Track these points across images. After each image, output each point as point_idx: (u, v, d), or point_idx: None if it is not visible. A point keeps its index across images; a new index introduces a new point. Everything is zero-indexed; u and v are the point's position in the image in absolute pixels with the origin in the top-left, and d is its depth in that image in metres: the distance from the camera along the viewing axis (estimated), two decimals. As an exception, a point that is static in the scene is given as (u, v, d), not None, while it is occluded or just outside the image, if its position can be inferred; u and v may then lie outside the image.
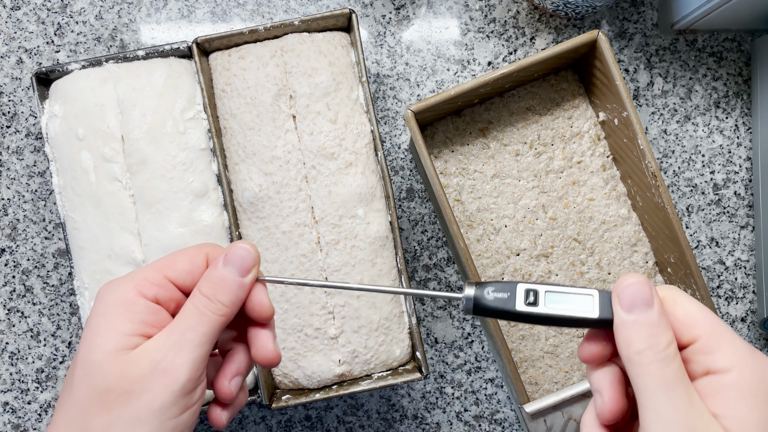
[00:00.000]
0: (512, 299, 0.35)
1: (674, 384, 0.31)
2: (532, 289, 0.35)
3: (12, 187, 0.61)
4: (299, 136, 0.53)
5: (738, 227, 0.63)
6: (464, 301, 0.36)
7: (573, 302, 0.35)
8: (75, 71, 0.54)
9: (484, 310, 0.36)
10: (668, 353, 0.32)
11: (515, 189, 0.59)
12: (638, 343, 0.32)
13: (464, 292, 0.36)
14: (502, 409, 0.62)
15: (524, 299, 0.35)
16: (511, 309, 0.35)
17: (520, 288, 0.35)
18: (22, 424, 0.61)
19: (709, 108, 0.64)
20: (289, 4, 0.62)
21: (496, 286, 0.36)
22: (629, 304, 0.33)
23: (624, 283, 0.33)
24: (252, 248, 0.36)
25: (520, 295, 0.35)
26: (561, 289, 0.35)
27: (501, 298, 0.35)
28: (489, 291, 0.36)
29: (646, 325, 0.32)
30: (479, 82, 0.52)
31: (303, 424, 0.62)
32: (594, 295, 0.35)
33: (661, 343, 0.32)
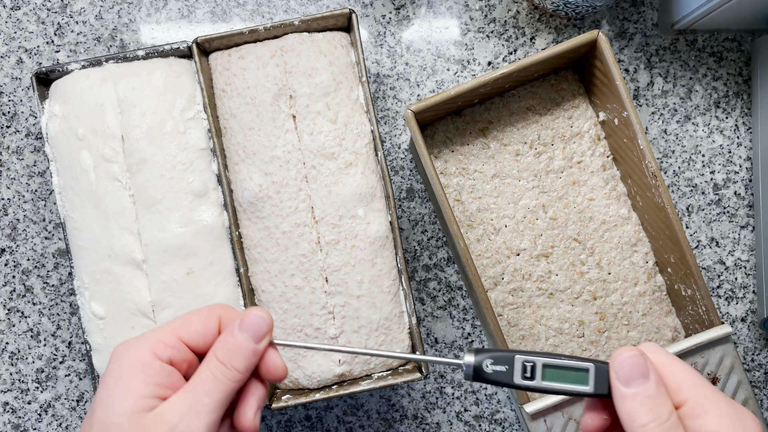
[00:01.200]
0: (510, 372, 0.37)
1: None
2: (529, 362, 0.37)
3: (12, 187, 0.61)
4: (299, 136, 0.53)
5: (738, 227, 0.63)
6: (464, 368, 0.37)
7: (569, 375, 0.36)
8: (75, 71, 0.54)
9: (484, 379, 0.37)
10: (671, 424, 0.33)
11: (515, 189, 0.59)
12: (642, 417, 0.33)
13: (464, 359, 0.38)
14: (502, 409, 0.62)
15: (521, 372, 0.37)
16: (509, 382, 0.37)
17: (517, 361, 0.37)
18: (22, 424, 0.61)
19: (709, 108, 0.64)
20: (289, 4, 0.62)
21: (495, 358, 0.37)
22: (626, 378, 0.34)
23: (619, 357, 0.35)
24: (266, 315, 0.36)
25: (518, 368, 0.37)
26: (558, 362, 0.37)
27: (499, 371, 0.37)
28: (488, 363, 0.37)
29: (646, 397, 0.33)
30: (479, 82, 0.52)
31: (303, 424, 0.62)
32: (590, 369, 0.36)
33: (663, 414, 0.33)
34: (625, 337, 0.58)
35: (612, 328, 0.59)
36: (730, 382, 0.52)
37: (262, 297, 0.54)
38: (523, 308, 0.59)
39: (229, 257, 0.54)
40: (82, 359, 0.61)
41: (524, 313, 0.59)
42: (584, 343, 0.58)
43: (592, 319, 0.58)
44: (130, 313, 0.52)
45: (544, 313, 0.59)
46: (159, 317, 0.52)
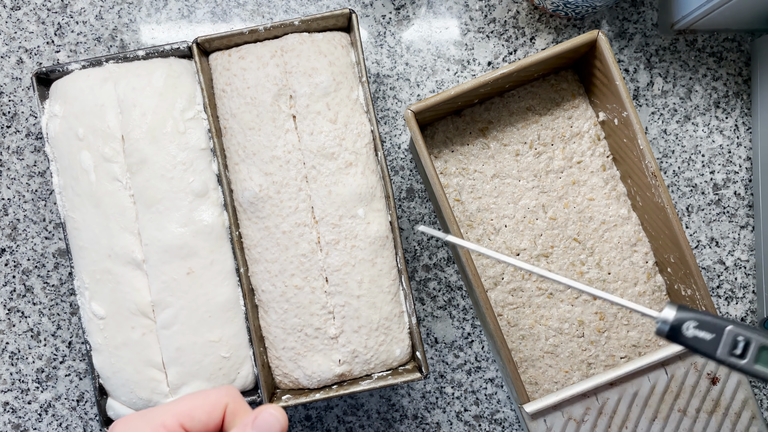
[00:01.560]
0: (715, 343, 0.33)
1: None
2: (742, 338, 0.32)
3: (12, 187, 0.61)
4: (299, 136, 0.53)
5: (738, 227, 0.63)
6: (659, 323, 0.33)
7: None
8: (75, 71, 0.54)
9: (679, 341, 0.33)
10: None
11: (515, 189, 0.59)
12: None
13: (663, 312, 0.34)
14: (502, 409, 0.62)
15: (729, 347, 0.32)
16: (711, 353, 0.33)
17: (728, 333, 0.32)
18: (22, 424, 0.61)
19: (709, 108, 0.64)
20: (289, 4, 0.62)
21: (701, 321, 0.33)
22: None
23: None
24: (281, 416, 0.35)
25: (726, 341, 0.32)
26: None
27: (702, 338, 0.33)
28: (690, 326, 0.33)
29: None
30: (479, 82, 0.52)
31: (303, 424, 0.62)
32: None
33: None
34: (625, 336, 0.58)
35: (612, 328, 0.59)
36: (730, 382, 0.52)
37: (262, 297, 0.54)
38: (523, 308, 0.59)
39: (229, 257, 0.54)
40: (82, 359, 0.61)
41: (524, 313, 0.59)
42: (584, 343, 0.58)
43: (592, 319, 0.58)
44: (130, 313, 0.52)
45: (544, 313, 0.59)
46: (159, 317, 0.52)
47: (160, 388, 0.53)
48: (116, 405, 0.54)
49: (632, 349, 0.59)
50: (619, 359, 0.58)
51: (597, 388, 0.52)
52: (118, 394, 0.53)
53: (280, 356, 0.54)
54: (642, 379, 0.53)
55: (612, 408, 0.53)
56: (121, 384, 0.53)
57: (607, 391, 0.53)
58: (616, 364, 0.58)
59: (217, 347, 0.53)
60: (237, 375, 0.54)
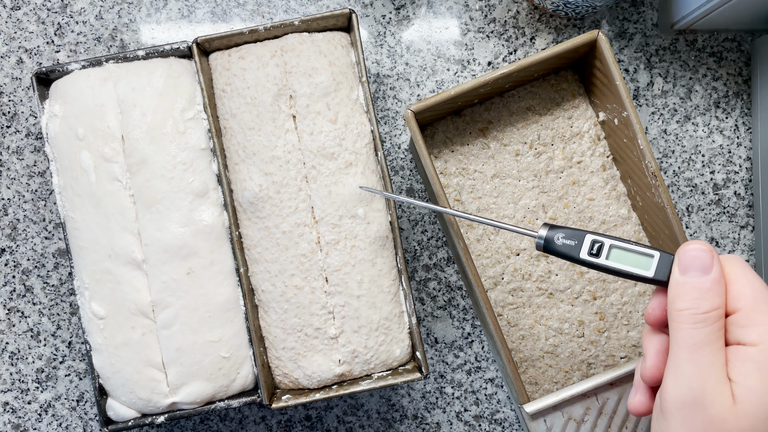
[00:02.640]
0: (578, 247, 0.40)
1: (701, 345, 0.34)
2: (598, 241, 0.39)
3: (12, 187, 0.61)
4: (299, 136, 0.53)
5: (738, 227, 0.63)
6: (537, 239, 0.41)
7: (634, 259, 0.38)
8: (75, 71, 0.54)
9: (552, 251, 0.40)
10: (705, 318, 0.34)
11: (515, 189, 0.59)
12: (681, 302, 0.35)
13: (538, 231, 0.41)
14: (502, 409, 0.62)
15: (589, 249, 0.39)
16: (575, 255, 0.40)
17: (587, 238, 0.39)
18: (22, 424, 0.61)
19: (709, 108, 0.64)
20: (289, 4, 0.62)
21: (567, 233, 0.40)
22: (685, 266, 0.36)
23: (687, 247, 0.36)
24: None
25: (586, 244, 0.39)
26: (625, 245, 0.39)
27: (568, 244, 0.40)
28: (559, 237, 0.40)
29: (695, 288, 0.35)
30: (479, 82, 0.52)
31: (303, 424, 0.62)
32: (655, 256, 0.38)
33: (702, 307, 0.35)
34: (625, 336, 0.58)
35: (612, 328, 0.59)
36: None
37: (262, 297, 0.54)
38: (523, 308, 0.59)
39: (229, 257, 0.54)
40: (82, 359, 0.61)
41: (524, 313, 0.59)
42: (584, 343, 0.58)
43: (592, 319, 0.58)
44: (130, 313, 0.52)
45: (544, 313, 0.59)
46: (159, 317, 0.52)
47: (160, 388, 0.53)
48: (116, 405, 0.54)
49: (632, 349, 0.59)
50: (619, 359, 0.58)
51: (597, 388, 0.52)
52: (118, 394, 0.53)
53: (280, 356, 0.54)
54: (642, 379, 0.53)
55: (612, 408, 0.53)
56: (121, 384, 0.53)
57: (607, 391, 0.53)
58: (616, 364, 0.58)
59: (217, 347, 0.53)
60: (237, 375, 0.54)
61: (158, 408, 0.53)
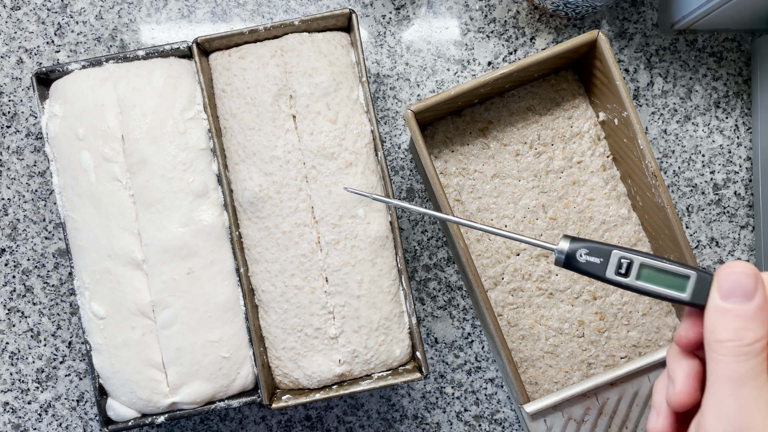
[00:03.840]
0: (604, 265, 0.36)
1: (745, 380, 0.31)
2: (626, 258, 0.35)
3: (12, 187, 0.61)
4: (299, 136, 0.53)
5: (738, 227, 0.63)
6: (557, 254, 0.37)
7: (666, 279, 0.35)
8: (75, 71, 0.54)
9: (574, 268, 0.36)
10: (751, 350, 0.31)
11: (515, 189, 0.59)
12: (723, 333, 0.32)
13: (559, 245, 0.37)
14: (502, 409, 0.62)
15: (616, 268, 0.36)
16: (601, 275, 0.36)
17: (614, 255, 0.36)
18: (22, 424, 0.61)
19: (709, 108, 0.64)
20: (289, 4, 0.62)
21: (591, 249, 0.36)
22: (728, 291, 0.33)
23: (729, 269, 0.33)
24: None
25: (613, 262, 0.36)
26: (657, 264, 0.35)
27: (593, 262, 0.36)
28: (582, 253, 0.36)
29: (738, 317, 0.32)
30: (479, 82, 0.52)
31: (303, 424, 0.62)
32: (691, 276, 0.34)
33: (747, 338, 0.32)
34: (625, 337, 0.58)
35: (612, 328, 0.59)
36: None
37: (262, 297, 0.54)
38: (523, 308, 0.59)
39: (229, 257, 0.54)
40: (82, 359, 0.61)
41: (524, 313, 0.59)
42: (584, 343, 0.58)
43: (592, 319, 0.58)
44: (130, 313, 0.52)
45: (544, 313, 0.59)
46: (159, 317, 0.52)
47: (160, 388, 0.53)
48: (116, 405, 0.54)
49: (632, 349, 0.59)
50: (619, 359, 0.58)
51: (597, 388, 0.52)
52: (118, 394, 0.53)
53: (280, 356, 0.54)
54: (642, 379, 0.53)
55: (612, 408, 0.53)
56: (121, 384, 0.53)
57: (607, 391, 0.53)
58: (616, 364, 0.58)
59: (217, 347, 0.53)
60: (237, 375, 0.54)
61: (158, 408, 0.53)
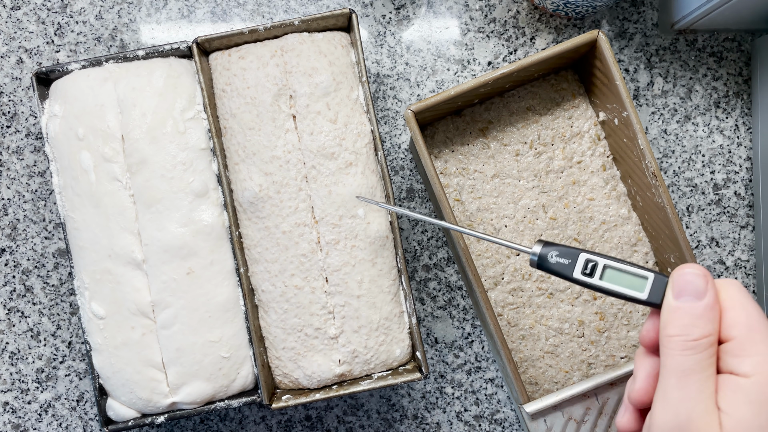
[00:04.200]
0: (572, 266, 0.39)
1: (690, 372, 0.33)
2: (591, 260, 0.39)
3: (12, 187, 0.61)
4: (299, 135, 0.53)
5: (738, 227, 0.63)
6: (531, 256, 0.41)
7: (627, 280, 0.38)
8: (75, 71, 0.54)
9: (546, 269, 0.40)
10: (696, 345, 0.34)
11: (515, 189, 0.59)
12: (672, 328, 0.35)
13: (533, 248, 0.41)
14: (502, 409, 0.62)
15: (582, 269, 0.39)
16: (568, 274, 0.39)
17: (581, 257, 0.39)
18: (22, 424, 0.61)
19: (709, 108, 0.64)
20: (289, 4, 0.62)
21: (561, 251, 0.40)
22: (679, 290, 0.35)
23: (682, 270, 0.36)
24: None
25: (579, 263, 0.39)
26: (619, 266, 0.38)
27: (562, 263, 0.40)
28: (553, 255, 0.40)
29: (687, 314, 0.34)
30: (479, 82, 0.52)
31: (303, 424, 0.62)
32: (649, 278, 0.37)
33: (693, 333, 0.34)
34: (625, 336, 0.58)
35: (612, 328, 0.59)
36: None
37: (262, 297, 0.54)
38: (523, 308, 0.59)
39: (229, 257, 0.54)
40: (82, 359, 0.61)
41: (524, 313, 0.59)
42: (584, 343, 0.58)
43: (592, 319, 0.58)
44: (130, 313, 0.52)
45: (544, 313, 0.59)
46: (159, 317, 0.52)
47: (160, 388, 0.53)
48: (116, 405, 0.54)
49: (632, 349, 0.59)
50: (619, 359, 0.58)
51: (597, 388, 0.52)
52: (118, 394, 0.53)
53: (280, 356, 0.54)
54: (642, 379, 0.53)
55: (612, 408, 0.53)
56: (121, 384, 0.53)
57: (607, 391, 0.53)
58: (616, 364, 0.58)
59: (217, 347, 0.53)
60: (237, 375, 0.54)
61: (158, 408, 0.53)
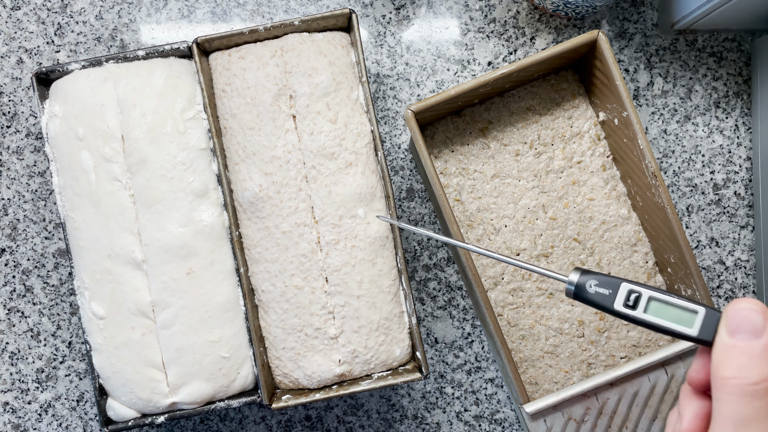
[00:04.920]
0: (612, 297, 0.36)
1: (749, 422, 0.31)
2: (635, 291, 0.36)
3: (12, 187, 0.61)
4: (299, 136, 0.53)
5: (738, 227, 0.63)
6: (568, 285, 0.37)
7: (674, 314, 0.35)
8: (75, 71, 0.54)
9: (584, 299, 0.37)
10: (756, 390, 0.31)
11: (515, 189, 0.59)
12: (727, 370, 0.31)
13: (569, 276, 0.38)
14: (502, 409, 0.62)
15: (624, 299, 0.36)
16: (609, 306, 0.36)
17: (623, 287, 0.36)
18: (22, 424, 0.61)
19: (709, 108, 0.64)
20: (289, 4, 0.62)
21: (600, 280, 0.37)
22: (735, 327, 0.32)
23: (737, 305, 0.32)
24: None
25: (621, 294, 0.36)
26: (665, 298, 0.35)
27: (602, 293, 0.37)
28: (591, 284, 0.37)
29: (744, 353, 0.31)
30: (479, 82, 0.52)
31: (303, 424, 0.62)
32: (699, 312, 0.34)
33: (752, 377, 0.31)
34: (625, 337, 0.58)
35: (612, 328, 0.59)
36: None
37: (262, 297, 0.54)
38: (523, 308, 0.59)
39: (229, 257, 0.54)
40: (82, 359, 0.61)
41: (524, 313, 0.59)
42: (584, 343, 0.58)
43: (592, 318, 0.58)
44: (130, 313, 0.52)
45: (544, 313, 0.59)
46: (159, 317, 0.52)
47: (160, 388, 0.53)
48: (116, 405, 0.54)
49: (632, 349, 0.59)
50: (619, 359, 0.58)
51: (597, 388, 0.52)
52: (118, 394, 0.53)
53: (280, 356, 0.54)
54: (642, 379, 0.53)
55: (612, 408, 0.53)
56: (121, 384, 0.53)
57: (607, 391, 0.53)
58: (616, 364, 0.58)
59: (217, 347, 0.53)
60: (237, 375, 0.54)
61: (158, 408, 0.53)
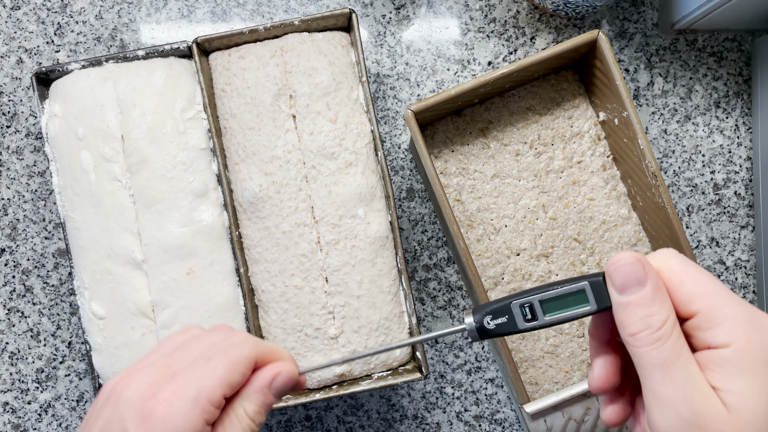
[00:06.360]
0: (512, 320, 0.36)
1: (669, 362, 0.31)
2: (526, 304, 0.36)
3: (12, 187, 0.61)
4: (299, 135, 0.53)
5: (738, 227, 0.63)
6: (468, 331, 0.37)
7: (569, 301, 0.35)
8: (75, 71, 0.54)
9: (491, 335, 0.36)
10: (662, 333, 0.31)
11: (515, 189, 0.59)
12: (632, 326, 0.32)
13: (465, 322, 0.37)
14: (502, 409, 0.62)
15: (522, 317, 0.36)
16: (515, 329, 0.36)
17: (514, 307, 0.36)
18: (22, 424, 0.61)
19: (710, 108, 0.64)
20: (289, 4, 0.62)
21: (493, 312, 0.36)
22: (621, 285, 0.33)
23: (614, 265, 0.33)
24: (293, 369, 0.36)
25: (517, 314, 0.36)
26: (552, 293, 0.35)
27: (501, 323, 0.36)
28: (488, 320, 0.36)
29: (639, 306, 0.32)
30: (479, 82, 0.52)
31: (303, 424, 0.62)
32: (585, 287, 0.34)
33: (655, 323, 0.32)
34: (625, 337, 0.58)
35: (612, 328, 0.59)
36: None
37: (262, 297, 0.54)
38: (523, 308, 0.59)
39: (229, 257, 0.54)
40: (82, 359, 0.61)
41: (524, 313, 0.59)
42: (584, 343, 0.58)
43: (592, 319, 0.58)
44: (130, 313, 0.52)
45: (544, 313, 0.59)
46: (159, 317, 0.52)
47: (160, 388, 0.53)
48: (116, 405, 0.54)
49: (632, 349, 0.59)
50: (619, 359, 0.58)
51: (597, 388, 0.52)
52: (118, 394, 0.53)
53: (280, 356, 0.54)
54: (642, 379, 0.53)
55: (612, 408, 0.53)
56: (121, 384, 0.53)
57: (607, 391, 0.52)
58: (616, 364, 0.58)
59: (217, 347, 0.53)
60: (237, 375, 0.54)
61: (158, 408, 0.53)
